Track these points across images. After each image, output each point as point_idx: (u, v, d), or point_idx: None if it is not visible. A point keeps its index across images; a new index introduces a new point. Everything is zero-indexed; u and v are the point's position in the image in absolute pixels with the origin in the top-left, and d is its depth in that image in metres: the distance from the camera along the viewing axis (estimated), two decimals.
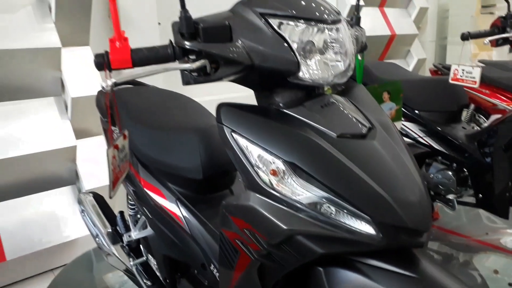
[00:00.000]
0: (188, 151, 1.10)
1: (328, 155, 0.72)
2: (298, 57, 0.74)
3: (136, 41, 0.86)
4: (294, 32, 0.74)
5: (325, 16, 0.77)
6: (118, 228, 1.43)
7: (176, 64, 0.75)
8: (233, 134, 0.76)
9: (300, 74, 0.75)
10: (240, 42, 0.75)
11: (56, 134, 2.19)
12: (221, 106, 0.80)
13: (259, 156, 0.74)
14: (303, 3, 0.77)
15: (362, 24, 1.04)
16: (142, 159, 1.21)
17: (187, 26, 0.73)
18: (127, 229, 1.40)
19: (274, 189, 0.72)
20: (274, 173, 0.72)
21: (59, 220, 2.21)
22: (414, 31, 4.42)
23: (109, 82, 0.70)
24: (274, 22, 0.74)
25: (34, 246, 2.09)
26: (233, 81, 0.81)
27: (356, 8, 1.04)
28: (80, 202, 1.55)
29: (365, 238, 0.68)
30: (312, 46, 0.75)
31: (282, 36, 0.74)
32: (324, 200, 0.70)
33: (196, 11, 0.78)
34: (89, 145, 2.31)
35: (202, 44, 0.73)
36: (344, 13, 3.70)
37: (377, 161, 0.73)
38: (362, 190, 0.69)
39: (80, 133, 2.28)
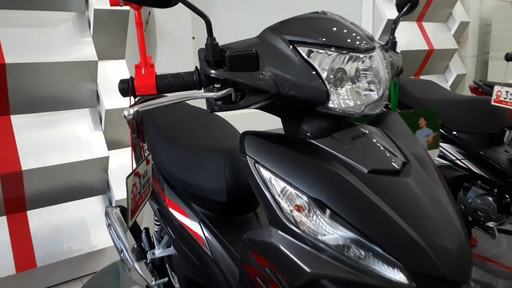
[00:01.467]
0: (213, 172, 1.08)
1: (358, 192, 0.67)
2: (328, 86, 0.72)
3: (170, 55, 0.86)
4: (324, 61, 0.72)
5: (358, 43, 0.74)
6: (142, 244, 1.43)
7: (201, 92, 0.75)
8: (256, 165, 0.73)
9: (330, 103, 0.72)
10: (267, 70, 0.73)
11: (89, 144, 2.24)
12: (245, 135, 0.78)
13: (283, 190, 0.70)
14: (334, 29, 0.75)
15: (398, 38, 1.00)
16: (168, 178, 1.20)
17: (213, 54, 0.72)
18: (152, 246, 1.40)
19: (297, 226, 0.68)
20: (299, 209, 0.69)
21: (89, 229, 2.25)
22: (453, 45, 4.26)
23: (132, 111, 0.69)
24: (303, 50, 0.72)
25: (64, 254, 2.13)
26: (259, 108, 0.79)
27: (392, 32, 0.99)
28: (107, 215, 1.56)
29: (396, 287, 0.63)
30: (344, 74, 0.72)
31: (311, 64, 0.72)
32: (351, 242, 0.65)
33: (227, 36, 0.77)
34: (121, 156, 2.35)
35: (228, 73, 0.72)
36: (381, 27, 3.62)
37: (412, 201, 0.68)
38: (394, 233, 0.64)
39: (112, 144, 2.32)
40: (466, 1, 4.37)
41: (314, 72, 0.71)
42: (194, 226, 1.11)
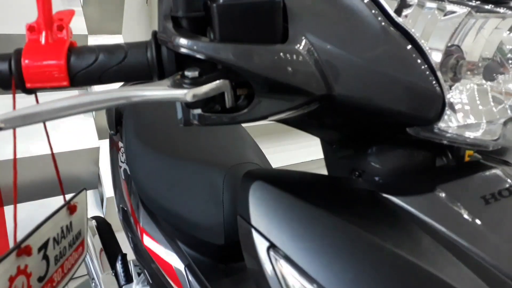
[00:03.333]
0: (208, 200, 0.75)
1: None
2: (443, 85, 0.36)
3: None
4: (436, 25, 0.35)
5: None
6: (118, 274, 1.12)
7: (159, 87, 0.36)
8: (271, 252, 0.39)
9: (444, 123, 0.36)
10: (305, 42, 0.37)
11: (77, 133, 1.96)
12: (250, 181, 0.43)
13: None
14: None
15: None
16: (146, 201, 0.86)
17: (187, 3, 0.36)
18: (129, 279, 1.08)
19: None
20: None
21: None
22: None
23: (5, 117, 0.34)
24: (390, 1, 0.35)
25: None
26: (284, 122, 0.44)
27: None
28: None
29: None
30: (461, 59, 0.36)
31: (409, 34, 0.36)
32: None
33: None
34: None
35: (217, 46, 0.35)
36: None
37: None
38: None
39: (104, 133, 2.02)
40: None
41: (414, 54, 0.35)
42: (177, 272, 0.78)
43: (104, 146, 2.02)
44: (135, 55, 0.39)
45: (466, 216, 0.38)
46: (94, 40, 1.94)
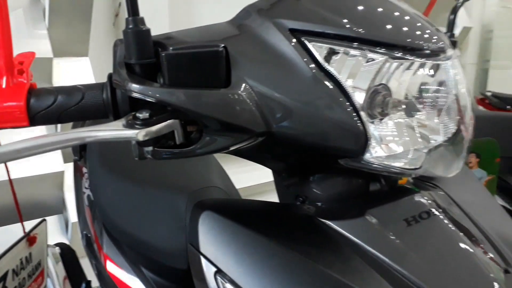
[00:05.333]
0: (172, 227, 0.76)
1: None
2: (365, 122, 0.40)
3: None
4: (359, 71, 0.40)
5: (421, 40, 0.41)
6: None
7: (113, 127, 0.39)
8: (218, 277, 0.41)
9: (369, 154, 0.41)
10: (246, 86, 0.40)
11: (43, 157, 1.91)
12: (200, 211, 0.45)
13: None
14: (378, 12, 0.42)
15: None
16: (109, 227, 0.86)
17: (140, 52, 0.39)
18: None
19: None
20: None
21: None
22: None
23: None
24: (318, 48, 0.40)
25: None
26: (236, 154, 0.47)
27: (450, 26, 0.67)
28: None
29: None
30: (388, 96, 0.40)
31: (334, 77, 0.40)
32: None
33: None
34: None
35: (166, 91, 0.38)
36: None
37: None
38: None
39: (69, 156, 1.98)
40: (468, 5, 4.13)
41: (340, 97, 0.40)
42: None
43: (69, 170, 1.98)
44: (92, 96, 0.42)
45: (390, 237, 0.42)
46: (60, 63, 1.92)
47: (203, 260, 0.43)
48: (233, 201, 0.50)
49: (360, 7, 0.42)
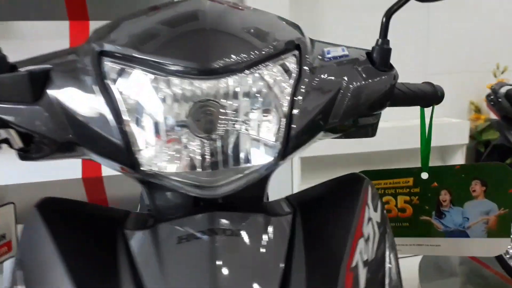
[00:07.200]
0: None
1: None
2: (128, 131, 0.45)
3: None
4: (126, 86, 0.45)
5: (203, 58, 0.43)
6: None
7: None
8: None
9: (143, 168, 0.45)
10: (55, 101, 0.48)
11: None
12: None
13: None
14: (166, 32, 0.47)
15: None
16: None
17: None
18: None
19: None
20: None
21: None
22: None
23: None
24: (112, 67, 0.46)
25: None
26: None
27: (383, 32, 0.55)
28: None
29: None
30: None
31: (110, 93, 0.45)
32: None
33: None
34: None
35: None
36: None
37: None
38: None
39: None
40: None
41: (108, 109, 0.45)
42: None
43: None
44: None
45: (159, 254, 0.43)
46: None
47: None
48: (72, 202, 0.53)
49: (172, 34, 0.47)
